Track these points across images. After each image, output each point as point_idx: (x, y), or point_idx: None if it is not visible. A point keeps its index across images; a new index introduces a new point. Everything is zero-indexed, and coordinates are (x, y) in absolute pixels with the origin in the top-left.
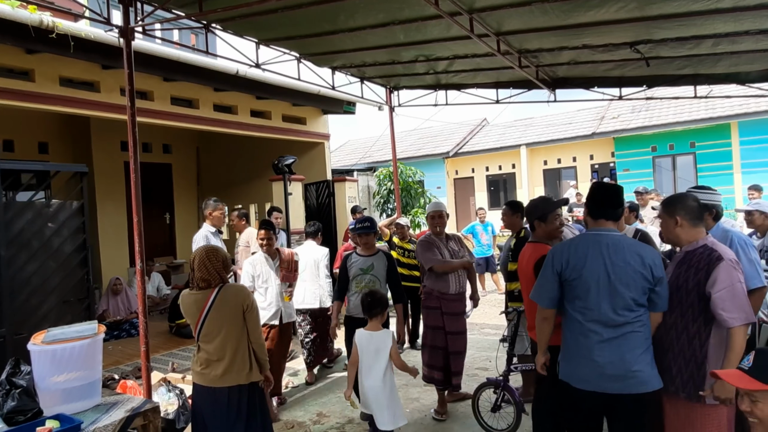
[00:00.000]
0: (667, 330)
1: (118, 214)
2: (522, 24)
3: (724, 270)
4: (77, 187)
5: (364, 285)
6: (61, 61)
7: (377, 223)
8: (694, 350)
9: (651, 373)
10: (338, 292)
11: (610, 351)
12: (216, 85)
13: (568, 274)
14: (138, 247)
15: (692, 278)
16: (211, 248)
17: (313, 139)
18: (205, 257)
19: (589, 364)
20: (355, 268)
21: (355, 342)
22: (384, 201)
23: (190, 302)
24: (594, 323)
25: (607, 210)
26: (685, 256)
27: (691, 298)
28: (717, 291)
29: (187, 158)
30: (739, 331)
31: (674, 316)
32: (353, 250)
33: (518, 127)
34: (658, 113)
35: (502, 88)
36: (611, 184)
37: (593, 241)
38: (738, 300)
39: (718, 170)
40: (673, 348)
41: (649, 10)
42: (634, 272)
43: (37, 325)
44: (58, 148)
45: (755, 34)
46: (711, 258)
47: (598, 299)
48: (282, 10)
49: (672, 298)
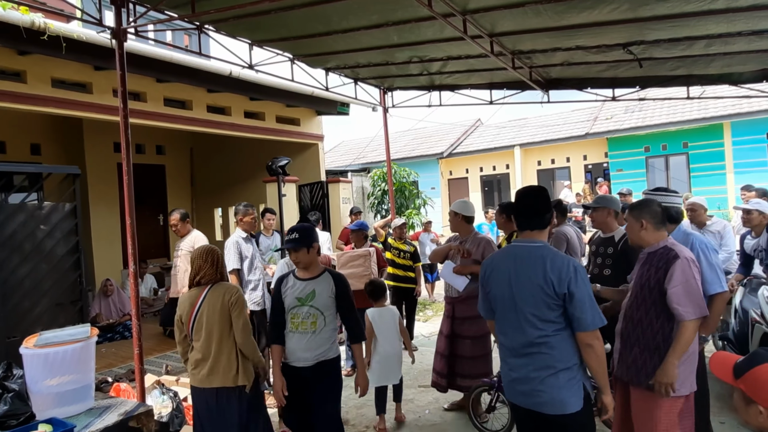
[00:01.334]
0: (635, 326)
1: (111, 216)
2: (515, 25)
3: (680, 267)
4: (70, 189)
5: (299, 323)
6: (54, 63)
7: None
8: (658, 344)
9: (557, 396)
10: (273, 330)
11: (518, 367)
12: (209, 86)
13: (485, 286)
14: (131, 249)
15: (653, 277)
16: (208, 248)
17: (307, 140)
18: (200, 255)
19: (506, 376)
20: (290, 297)
21: (368, 318)
22: (378, 202)
23: (185, 299)
24: (503, 337)
25: (532, 219)
26: (648, 257)
27: (654, 295)
28: (672, 287)
29: (180, 159)
30: (690, 324)
31: (640, 313)
32: (290, 272)
33: (512, 128)
34: (651, 113)
35: (496, 89)
36: (533, 189)
37: (507, 253)
38: (692, 295)
39: (710, 170)
40: (639, 342)
41: (642, 11)
42: (533, 287)
43: (29, 328)
44: (51, 150)
45: (748, 35)
46: (669, 257)
47: (503, 313)
48: (275, 11)
49: (638, 295)
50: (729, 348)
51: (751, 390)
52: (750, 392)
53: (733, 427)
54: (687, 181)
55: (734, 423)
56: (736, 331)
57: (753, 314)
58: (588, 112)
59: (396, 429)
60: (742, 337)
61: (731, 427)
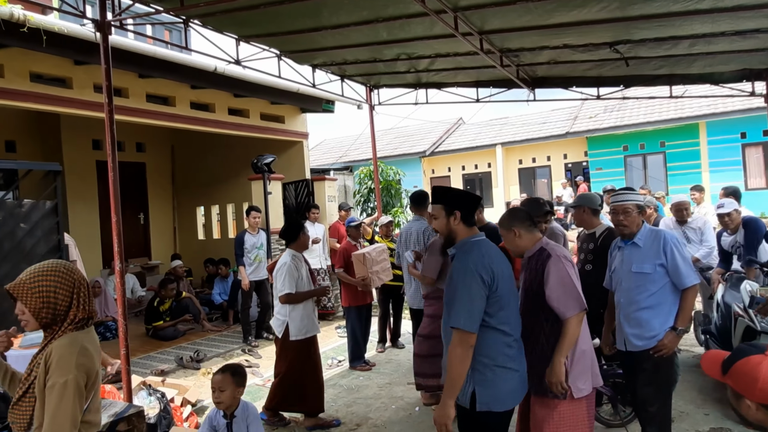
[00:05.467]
0: (528, 333)
1: (89, 215)
2: (506, 23)
3: (553, 265)
4: (51, 187)
5: None
6: (32, 56)
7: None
8: (552, 347)
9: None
10: None
11: None
12: (193, 82)
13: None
14: (117, 248)
15: (535, 281)
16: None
17: (292, 137)
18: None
19: None
20: None
21: None
22: (365, 200)
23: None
24: None
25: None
26: (528, 261)
27: (539, 299)
28: (549, 286)
29: (161, 157)
30: (573, 320)
31: (531, 319)
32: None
33: (494, 127)
34: (629, 113)
35: (482, 87)
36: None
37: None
38: (568, 291)
39: (686, 169)
40: (534, 349)
41: (630, 10)
42: None
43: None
44: (27, 147)
45: (731, 35)
46: (543, 257)
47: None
48: (264, 5)
49: (525, 302)
50: (712, 342)
51: (736, 384)
52: (736, 386)
53: (717, 419)
54: (664, 180)
55: (718, 415)
56: (718, 325)
57: (736, 308)
58: (568, 112)
59: (388, 425)
60: (725, 331)
61: (715, 418)
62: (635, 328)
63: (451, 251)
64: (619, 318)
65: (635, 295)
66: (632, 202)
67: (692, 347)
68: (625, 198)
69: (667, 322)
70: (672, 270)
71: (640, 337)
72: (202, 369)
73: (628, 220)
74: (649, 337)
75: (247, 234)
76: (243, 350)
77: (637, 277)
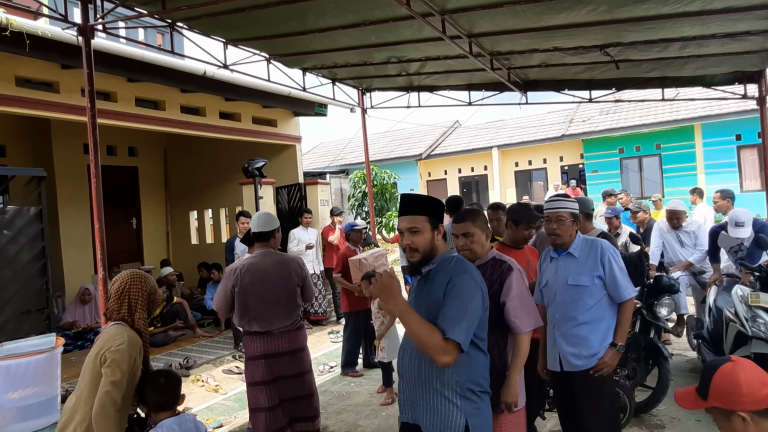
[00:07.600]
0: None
1: (81, 220)
2: (494, 26)
3: (516, 279)
4: (35, 192)
5: None
6: (18, 61)
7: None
8: (494, 361)
9: None
10: None
11: None
12: (183, 86)
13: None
14: (100, 254)
15: (489, 291)
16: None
17: (284, 141)
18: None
19: None
20: None
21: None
22: (359, 204)
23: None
24: None
25: None
26: (481, 270)
27: (493, 312)
28: (510, 299)
29: (154, 161)
30: (526, 336)
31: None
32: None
33: (490, 129)
34: (625, 116)
35: (475, 90)
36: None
37: None
38: (527, 306)
39: (682, 171)
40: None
41: (618, 13)
42: None
43: None
44: (17, 151)
45: (721, 38)
46: (502, 269)
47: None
48: (249, 9)
49: None
50: (704, 346)
51: (721, 401)
52: (722, 404)
53: (709, 425)
54: (660, 182)
55: (710, 421)
56: (710, 329)
57: (727, 313)
58: (564, 114)
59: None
60: (717, 335)
61: (707, 424)
62: (573, 347)
63: (427, 268)
64: (554, 336)
65: (572, 310)
66: (566, 210)
67: (685, 351)
68: (559, 205)
69: (607, 339)
70: (610, 282)
71: (578, 356)
72: (192, 376)
73: (561, 229)
74: (589, 356)
75: (237, 240)
76: (233, 356)
77: (573, 290)
